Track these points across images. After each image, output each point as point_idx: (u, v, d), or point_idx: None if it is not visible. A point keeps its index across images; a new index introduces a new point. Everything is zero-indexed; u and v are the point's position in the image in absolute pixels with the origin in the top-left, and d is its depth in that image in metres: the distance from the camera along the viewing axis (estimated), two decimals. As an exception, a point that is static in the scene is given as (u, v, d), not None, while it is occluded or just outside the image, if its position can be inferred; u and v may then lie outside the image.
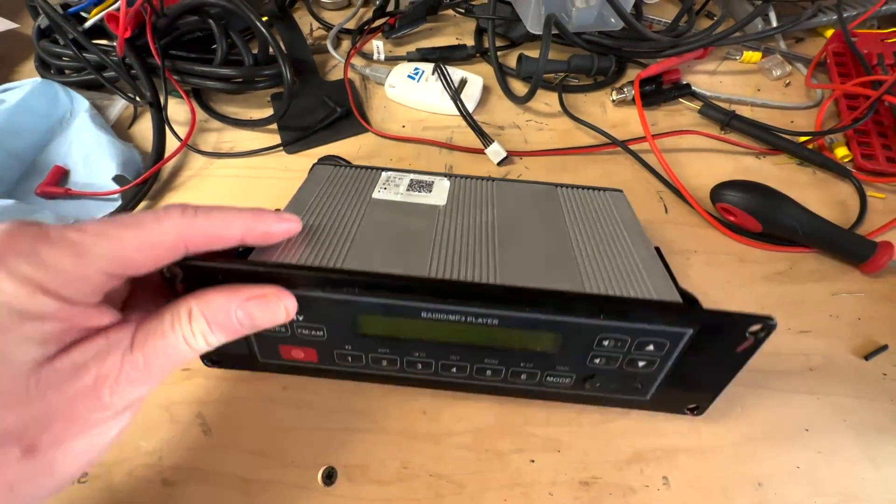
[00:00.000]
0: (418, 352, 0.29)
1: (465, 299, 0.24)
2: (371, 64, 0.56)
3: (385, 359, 0.29)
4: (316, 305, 0.26)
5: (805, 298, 0.39)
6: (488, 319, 0.25)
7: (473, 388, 0.31)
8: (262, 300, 0.23)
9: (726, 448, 0.32)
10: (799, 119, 0.52)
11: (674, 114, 0.52)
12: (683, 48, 0.51)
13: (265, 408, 0.33)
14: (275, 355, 0.30)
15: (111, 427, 0.21)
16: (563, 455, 0.32)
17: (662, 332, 0.25)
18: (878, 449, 0.32)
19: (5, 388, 0.18)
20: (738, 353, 0.26)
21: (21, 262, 0.18)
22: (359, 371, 0.30)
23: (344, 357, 0.29)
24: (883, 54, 0.52)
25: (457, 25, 0.61)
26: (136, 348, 0.21)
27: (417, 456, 0.32)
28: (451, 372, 0.30)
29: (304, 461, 0.31)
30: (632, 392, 0.29)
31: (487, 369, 0.29)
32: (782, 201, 0.40)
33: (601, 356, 0.27)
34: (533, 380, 0.29)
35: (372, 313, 0.26)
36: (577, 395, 0.30)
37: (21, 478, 0.18)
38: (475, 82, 0.52)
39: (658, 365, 0.27)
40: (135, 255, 0.21)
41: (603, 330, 0.25)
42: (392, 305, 0.25)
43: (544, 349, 0.27)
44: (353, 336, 0.28)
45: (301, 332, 0.28)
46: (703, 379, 0.28)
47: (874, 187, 0.46)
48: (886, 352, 0.36)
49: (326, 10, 0.63)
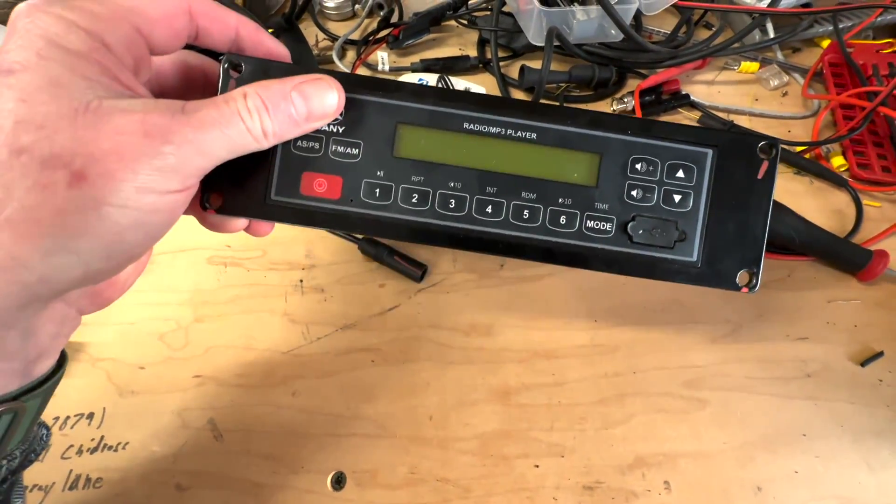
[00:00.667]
0: (454, 181, 0.27)
1: (505, 110, 0.26)
2: (375, 74, 0.57)
3: (417, 192, 0.27)
4: (360, 112, 0.26)
5: (802, 306, 0.40)
6: (527, 133, 0.26)
7: (507, 245, 0.27)
8: (316, 83, 0.23)
9: (726, 453, 0.33)
10: (796, 129, 0.53)
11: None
12: (682, 59, 0.52)
13: (275, 413, 0.34)
14: (293, 189, 0.26)
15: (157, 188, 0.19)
16: (567, 460, 0.33)
17: (687, 154, 0.27)
18: (874, 453, 0.33)
19: (56, 112, 0.18)
20: (761, 181, 0.27)
21: (54, 5, 0.19)
22: (382, 217, 0.27)
23: (372, 190, 0.27)
24: (878, 65, 0.53)
25: (460, 36, 0.62)
26: (189, 111, 0.20)
27: (425, 461, 0.33)
28: (486, 213, 0.27)
29: (313, 466, 0.32)
30: (677, 248, 0.27)
31: (525, 209, 0.27)
32: (780, 211, 0.41)
33: (637, 185, 0.27)
34: (572, 226, 0.27)
35: (414, 124, 0.26)
36: (621, 255, 0.27)
37: (69, 206, 0.18)
38: (478, 92, 0.53)
39: (693, 200, 0.27)
40: (149, 8, 0.21)
41: (633, 149, 0.27)
42: (436, 112, 0.26)
43: (581, 178, 0.27)
44: (389, 157, 0.26)
45: (335, 151, 0.26)
46: (741, 227, 0.27)
47: (870, 196, 0.46)
48: (882, 358, 0.37)
49: (332, 21, 0.64)
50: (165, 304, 0.39)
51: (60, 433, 0.33)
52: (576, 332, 0.38)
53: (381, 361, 0.36)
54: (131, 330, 0.37)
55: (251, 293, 0.39)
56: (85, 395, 0.35)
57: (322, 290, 0.40)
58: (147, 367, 0.36)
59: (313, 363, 0.36)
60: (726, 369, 0.36)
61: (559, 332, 0.38)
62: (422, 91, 0.26)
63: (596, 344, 0.37)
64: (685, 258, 0.28)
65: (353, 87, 0.26)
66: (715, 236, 0.27)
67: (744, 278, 0.28)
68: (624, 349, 0.37)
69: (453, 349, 0.37)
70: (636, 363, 0.36)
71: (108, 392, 0.35)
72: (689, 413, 0.35)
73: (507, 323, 0.38)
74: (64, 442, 0.33)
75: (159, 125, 0.19)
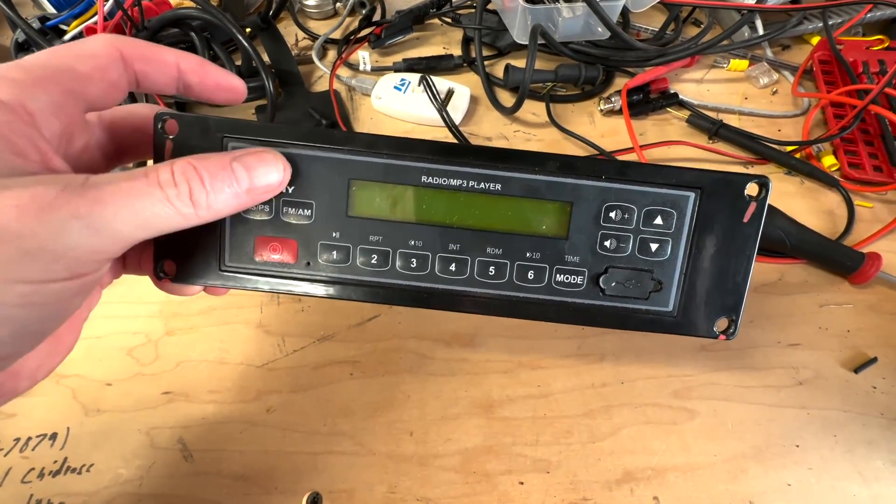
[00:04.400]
0: (414, 240, 0.25)
1: (466, 159, 0.24)
2: (357, 75, 0.56)
3: (376, 252, 0.25)
4: (309, 171, 0.24)
5: (794, 310, 0.39)
6: (491, 184, 0.24)
7: (473, 302, 0.26)
8: (259, 156, 0.21)
9: (717, 465, 0.32)
10: (786, 128, 0.52)
11: (662, 123, 0.52)
12: (670, 57, 0.51)
13: (248, 431, 0.33)
14: (246, 255, 0.25)
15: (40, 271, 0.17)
16: (553, 476, 0.31)
17: (667, 198, 0.25)
18: (867, 464, 0.32)
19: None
20: (747, 224, 0.25)
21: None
22: (340, 278, 0.26)
23: (328, 251, 0.25)
24: (868, 62, 0.52)
25: (444, 35, 0.60)
26: (88, 186, 0.17)
27: (404, 479, 0.31)
28: (450, 271, 0.26)
29: (288, 487, 0.31)
30: (652, 299, 0.26)
31: (490, 265, 0.25)
32: (770, 213, 0.40)
33: (611, 235, 0.25)
34: (541, 281, 0.26)
35: (368, 179, 0.24)
36: (593, 307, 0.26)
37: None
38: (462, 93, 0.52)
39: (671, 247, 0.25)
40: (76, 63, 0.20)
41: (608, 195, 0.25)
42: (391, 165, 0.24)
43: (550, 230, 0.25)
44: (343, 217, 0.25)
45: (286, 213, 0.25)
46: (722, 275, 0.26)
47: (862, 196, 0.46)
48: (876, 364, 0.36)
49: (312, 20, 0.62)
50: (134, 317, 0.37)
51: (21, 455, 0.32)
52: (561, 340, 0.37)
53: (359, 374, 0.35)
54: (98, 344, 0.36)
55: (224, 304, 0.38)
56: (48, 415, 0.33)
57: (299, 299, 0.38)
58: (114, 383, 0.35)
59: (289, 377, 0.35)
60: (716, 378, 0.35)
61: (544, 340, 0.36)
62: (375, 142, 0.24)
63: (582, 353, 0.36)
64: (660, 308, 0.26)
65: (301, 141, 0.24)
66: (693, 284, 0.26)
67: (722, 325, 0.27)
68: (610, 358, 0.36)
69: (435, 360, 0.36)
70: (623, 372, 0.35)
71: (73, 411, 0.33)
72: (677, 424, 0.33)
73: (491, 332, 0.37)
74: (24, 465, 0.31)
75: (39, 202, 0.16)
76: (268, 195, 0.22)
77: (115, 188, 0.17)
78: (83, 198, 0.17)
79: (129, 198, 0.17)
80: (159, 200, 0.18)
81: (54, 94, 0.19)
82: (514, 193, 0.25)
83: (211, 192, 0.19)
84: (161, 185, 0.18)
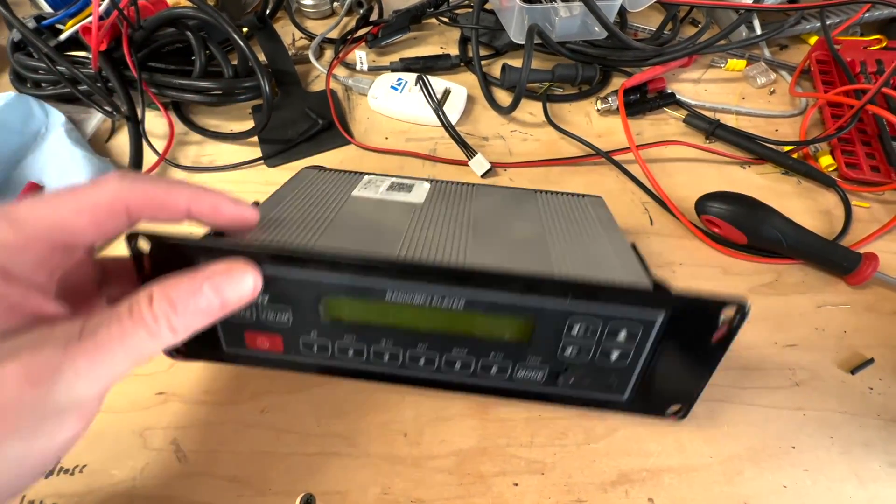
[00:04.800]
0: (385, 340, 0.27)
1: (429, 278, 0.24)
2: (354, 74, 0.55)
3: (352, 348, 0.27)
4: (281, 285, 0.25)
5: (790, 311, 0.39)
6: (454, 302, 0.24)
7: (443, 385, 0.29)
8: (228, 273, 0.22)
9: (713, 467, 0.32)
10: (783, 127, 0.51)
11: (659, 123, 0.52)
12: (668, 57, 0.51)
13: (242, 432, 0.33)
14: (240, 344, 0.28)
15: (55, 429, 0.19)
16: (548, 477, 0.31)
17: (633, 317, 0.24)
18: (864, 465, 0.32)
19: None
20: (715, 343, 0.25)
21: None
22: (325, 364, 0.28)
23: (310, 346, 0.28)
24: (866, 62, 0.52)
25: (441, 35, 0.60)
26: (85, 337, 0.18)
27: (398, 480, 0.31)
28: (420, 364, 0.28)
29: (281, 488, 0.31)
30: (607, 390, 0.28)
31: (457, 361, 0.27)
32: (767, 213, 0.40)
33: (573, 345, 0.25)
34: (504, 374, 0.27)
35: (336, 295, 0.25)
36: (550, 394, 0.28)
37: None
38: (459, 93, 0.52)
39: (632, 357, 0.26)
40: (73, 219, 0.20)
41: (572, 314, 0.24)
42: (356, 286, 0.24)
43: (513, 337, 0.26)
44: (318, 321, 0.27)
45: (266, 317, 0.26)
46: (681, 376, 0.27)
47: (859, 196, 0.45)
48: (872, 365, 0.36)
49: (309, 20, 0.62)
50: (129, 318, 0.37)
51: (14, 456, 0.31)
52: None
53: (354, 375, 0.35)
54: (92, 345, 0.35)
55: (219, 304, 0.37)
56: (41, 416, 0.33)
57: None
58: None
59: (284, 377, 0.35)
60: (712, 378, 0.35)
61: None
62: (339, 264, 0.24)
63: (578, 354, 0.36)
64: (615, 397, 0.28)
65: (270, 263, 0.24)
66: (651, 383, 0.26)
67: (675, 408, 0.28)
68: (607, 359, 0.36)
69: (430, 361, 0.35)
70: (619, 373, 0.35)
71: (67, 411, 0.33)
72: (673, 425, 0.33)
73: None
74: (17, 466, 0.31)
75: (47, 365, 0.17)
76: (244, 304, 0.23)
77: (108, 334, 0.18)
78: (83, 355, 0.18)
79: (122, 341, 0.18)
80: (145, 338, 0.19)
81: (44, 251, 0.19)
82: (477, 310, 0.25)
83: (188, 316, 0.20)
84: (144, 323, 0.19)
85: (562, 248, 0.27)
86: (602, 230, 0.31)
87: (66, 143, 0.45)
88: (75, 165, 0.44)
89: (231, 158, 0.48)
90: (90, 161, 0.44)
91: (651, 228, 0.43)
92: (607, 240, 0.29)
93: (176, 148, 0.49)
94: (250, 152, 0.48)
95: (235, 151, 0.49)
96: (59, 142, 0.45)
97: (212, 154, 0.49)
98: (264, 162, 0.48)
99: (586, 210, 0.34)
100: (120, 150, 0.49)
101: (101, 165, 0.45)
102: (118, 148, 0.49)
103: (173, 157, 0.48)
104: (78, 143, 0.46)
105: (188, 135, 0.50)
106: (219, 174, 0.47)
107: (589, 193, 0.40)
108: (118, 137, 0.50)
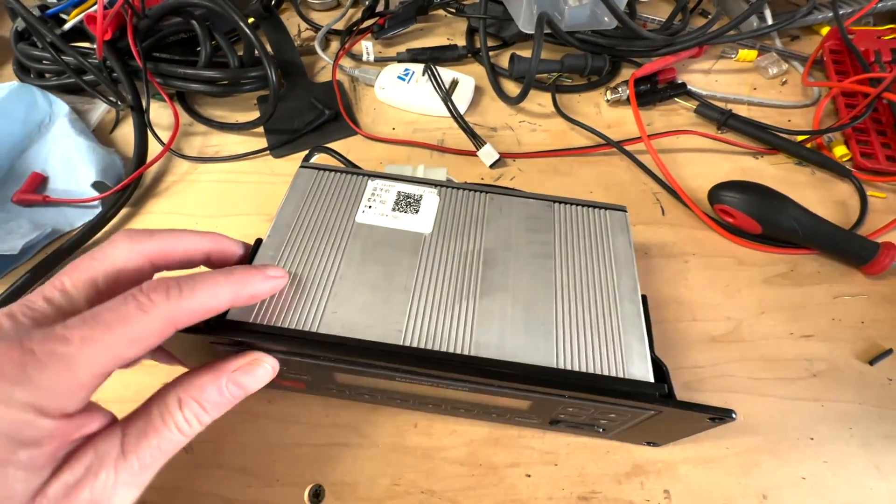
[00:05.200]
0: (398, 397, 0.30)
1: (436, 369, 0.25)
2: (360, 65, 0.55)
3: (367, 394, 0.31)
4: (297, 366, 0.27)
5: (806, 302, 0.38)
6: (458, 384, 0.26)
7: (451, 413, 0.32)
8: (248, 367, 0.24)
9: (729, 459, 0.31)
10: (796, 118, 0.51)
11: (669, 113, 0.51)
12: (678, 47, 0.50)
13: (250, 423, 0.32)
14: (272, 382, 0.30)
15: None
16: (560, 469, 0.31)
17: (626, 407, 0.25)
18: (884, 457, 0.31)
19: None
20: (702, 423, 0.26)
21: (16, 390, 0.17)
22: (345, 396, 0.32)
23: (329, 390, 0.31)
24: (880, 51, 0.51)
25: (448, 25, 0.59)
26: (128, 452, 0.20)
27: (408, 472, 0.30)
28: (428, 407, 0.31)
29: (290, 479, 0.30)
30: (595, 433, 0.31)
31: (461, 409, 0.30)
32: (782, 202, 0.39)
33: (567, 415, 0.28)
34: (503, 418, 0.31)
35: (348, 373, 0.27)
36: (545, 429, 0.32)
37: None
38: (467, 83, 0.51)
39: (620, 424, 0.28)
40: (125, 352, 0.20)
41: (570, 399, 0.26)
42: (365, 371, 0.26)
43: (513, 406, 0.28)
44: (332, 383, 0.29)
45: (287, 375, 0.28)
46: (664, 433, 0.30)
47: (874, 186, 0.45)
48: (891, 356, 0.35)
49: (315, 11, 0.62)
50: (134, 307, 0.36)
51: (18, 447, 0.31)
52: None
53: (363, 365, 0.34)
54: (97, 335, 0.35)
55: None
56: (46, 406, 0.32)
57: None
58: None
59: (291, 368, 0.34)
60: (728, 370, 0.34)
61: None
62: (345, 349, 0.25)
63: (590, 344, 0.35)
64: (600, 433, 0.31)
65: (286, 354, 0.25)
66: (636, 430, 0.28)
67: (649, 442, 0.31)
68: (620, 349, 0.35)
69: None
70: (633, 364, 0.34)
71: (71, 402, 0.33)
72: (689, 417, 0.33)
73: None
74: (21, 456, 0.31)
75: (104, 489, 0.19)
76: (262, 385, 0.25)
77: (148, 446, 0.20)
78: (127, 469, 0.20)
79: (159, 448, 0.21)
80: (178, 437, 0.21)
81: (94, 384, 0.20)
82: (480, 390, 0.26)
83: (214, 411, 0.23)
84: (178, 427, 0.21)
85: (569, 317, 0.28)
86: (615, 281, 0.29)
87: (70, 133, 0.45)
88: (79, 155, 0.43)
89: (236, 149, 0.47)
90: (95, 151, 0.44)
91: (663, 219, 0.43)
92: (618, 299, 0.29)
93: (181, 138, 0.48)
94: (256, 143, 0.48)
95: (240, 142, 0.48)
96: (63, 131, 0.45)
97: (217, 144, 0.48)
98: (270, 152, 0.47)
99: (606, 240, 0.32)
100: (124, 141, 0.48)
101: (106, 156, 0.45)
102: (123, 139, 0.48)
103: (178, 147, 0.48)
104: (82, 133, 0.45)
105: (193, 125, 0.49)
106: (224, 164, 0.46)
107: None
108: (123, 128, 0.49)
